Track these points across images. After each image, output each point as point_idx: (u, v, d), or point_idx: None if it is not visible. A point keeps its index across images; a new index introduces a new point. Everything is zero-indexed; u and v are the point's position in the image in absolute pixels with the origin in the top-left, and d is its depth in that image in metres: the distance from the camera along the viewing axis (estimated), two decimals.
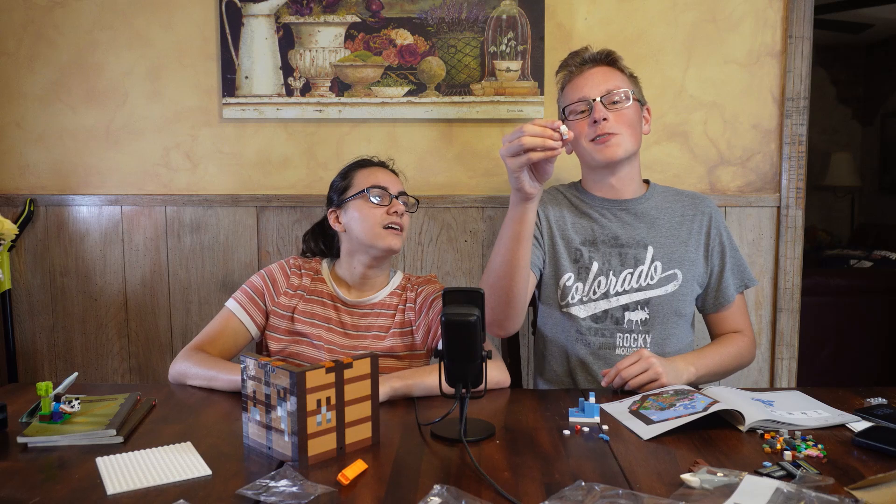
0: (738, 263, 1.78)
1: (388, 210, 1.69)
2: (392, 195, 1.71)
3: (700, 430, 1.27)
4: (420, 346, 1.70)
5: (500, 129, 2.25)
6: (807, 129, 2.20)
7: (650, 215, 1.75)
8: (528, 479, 1.09)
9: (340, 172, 1.81)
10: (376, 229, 1.67)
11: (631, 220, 1.75)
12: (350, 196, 1.72)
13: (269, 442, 1.21)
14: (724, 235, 1.77)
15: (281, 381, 1.18)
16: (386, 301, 1.72)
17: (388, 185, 1.73)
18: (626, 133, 1.68)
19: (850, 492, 1.01)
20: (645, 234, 1.73)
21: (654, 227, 1.74)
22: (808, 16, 2.16)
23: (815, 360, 3.37)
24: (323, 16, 2.22)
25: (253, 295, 1.71)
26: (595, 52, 1.75)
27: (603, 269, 1.72)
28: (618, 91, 1.68)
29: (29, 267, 2.37)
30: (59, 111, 2.32)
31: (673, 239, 1.74)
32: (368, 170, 1.77)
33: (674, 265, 1.72)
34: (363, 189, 1.70)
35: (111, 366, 2.38)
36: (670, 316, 1.71)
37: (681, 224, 1.76)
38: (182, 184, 2.33)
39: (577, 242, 1.74)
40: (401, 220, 1.70)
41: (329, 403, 1.20)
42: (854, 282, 3.58)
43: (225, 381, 1.51)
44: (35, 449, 1.24)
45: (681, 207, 1.78)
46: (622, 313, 1.70)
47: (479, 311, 1.23)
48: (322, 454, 1.19)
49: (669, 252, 1.72)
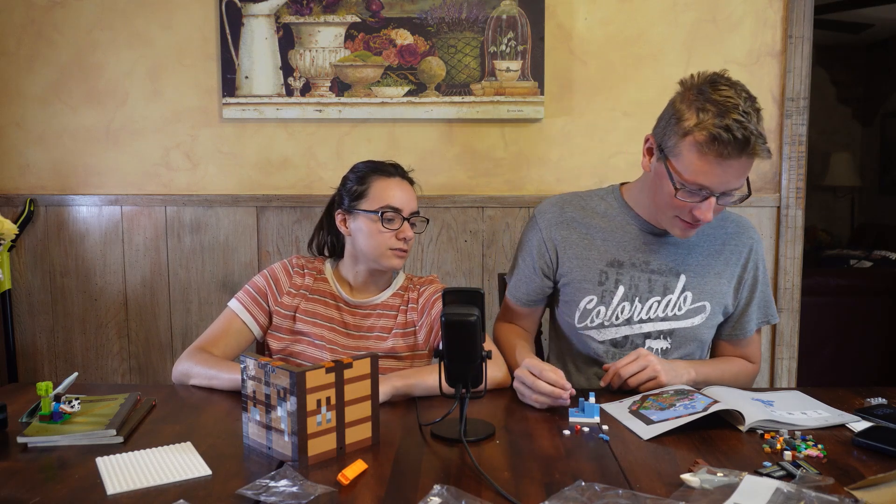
0: (765, 299, 1.66)
1: (397, 235, 1.65)
2: (405, 217, 1.65)
3: (700, 430, 1.27)
4: (422, 346, 1.69)
5: (500, 129, 2.25)
6: (807, 129, 2.20)
7: (689, 241, 1.60)
8: (528, 479, 1.09)
9: (357, 174, 1.71)
10: (382, 249, 1.65)
11: (667, 246, 1.61)
12: (362, 208, 1.67)
13: (269, 442, 1.21)
14: (759, 269, 1.64)
15: (281, 381, 1.18)
16: (388, 302, 1.71)
17: (403, 207, 1.65)
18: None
19: (850, 492, 1.01)
20: (680, 261, 1.60)
21: (692, 254, 1.61)
22: (808, 16, 2.16)
23: (815, 360, 3.37)
24: (323, 16, 2.22)
25: (256, 295, 1.70)
26: (748, 136, 1.36)
27: (629, 294, 1.60)
28: (737, 189, 1.45)
29: (29, 267, 2.37)
30: (59, 111, 2.32)
31: (708, 269, 1.61)
32: (387, 182, 1.68)
33: (704, 297, 1.60)
34: (377, 209, 1.65)
35: (111, 366, 2.38)
36: (691, 343, 1.62)
37: (719, 254, 1.61)
38: (182, 184, 2.32)
39: (603, 264, 1.62)
40: (408, 243, 1.67)
41: (329, 403, 1.20)
42: (854, 282, 3.58)
43: (226, 380, 1.51)
44: (35, 449, 1.23)
45: (723, 234, 1.63)
46: (643, 340, 1.61)
47: (479, 311, 1.23)
48: (322, 454, 1.19)
49: (702, 283, 1.60)
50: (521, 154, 2.27)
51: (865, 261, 4.49)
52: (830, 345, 3.45)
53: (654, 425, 1.27)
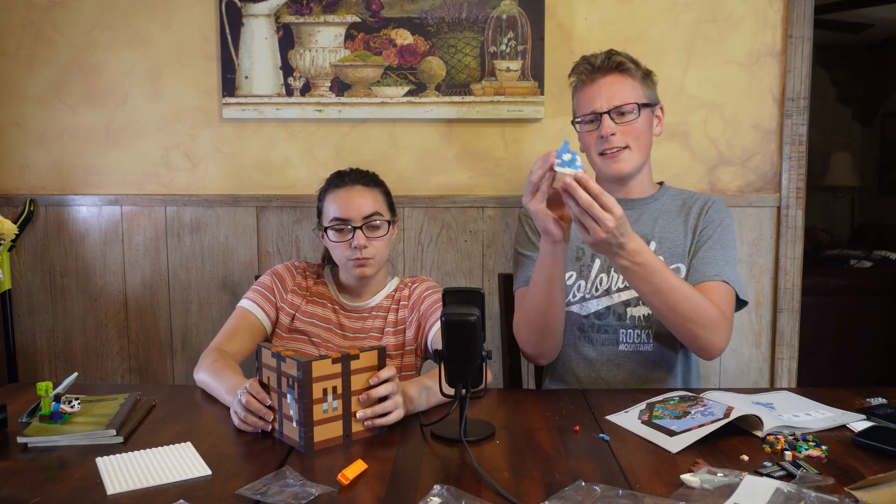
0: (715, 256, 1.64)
1: (349, 244, 1.65)
2: (356, 226, 1.65)
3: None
4: (411, 343, 1.71)
5: (500, 129, 2.25)
6: (807, 129, 2.20)
7: (654, 214, 1.73)
8: (528, 479, 1.09)
9: (319, 192, 1.76)
10: (343, 261, 1.70)
11: (636, 217, 1.72)
12: (323, 225, 1.71)
13: (281, 427, 1.27)
14: (713, 228, 1.67)
15: (290, 369, 1.23)
16: (382, 304, 1.76)
17: (351, 215, 1.65)
18: (635, 146, 1.66)
19: (850, 492, 1.01)
20: (648, 230, 1.71)
21: (658, 223, 1.72)
22: (808, 16, 2.16)
23: (815, 360, 3.36)
24: (323, 16, 2.22)
25: (264, 292, 1.75)
26: (605, 58, 1.68)
27: (605, 265, 1.70)
28: (627, 104, 1.65)
29: (29, 267, 2.37)
30: (59, 111, 2.32)
31: (675, 233, 1.71)
32: (335, 193, 1.70)
33: (676, 259, 1.68)
34: (327, 224, 1.68)
35: (111, 366, 2.38)
36: None
37: (685, 218, 1.72)
38: (182, 184, 2.32)
39: (579, 241, 1.72)
40: (363, 251, 1.65)
41: (336, 392, 1.24)
42: (854, 282, 3.58)
43: (225, 400, 1.48)
44: (35, 449, 1.24)
45: (687, 208, 1.74)
46: (624, 309, 1.68)
47: (479, 311, 1.23)
48: (328, 440, 1.24)
49: (672, 246, 1.69)
50: (521, 154, 2.27)
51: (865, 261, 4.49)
52: (830, 345, 3.45)
53: (678, 437, 1.23)
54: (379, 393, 1.28)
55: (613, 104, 1.64)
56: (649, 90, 1.71)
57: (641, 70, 1.71)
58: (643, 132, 1.67)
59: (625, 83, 1.66)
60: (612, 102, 1.64)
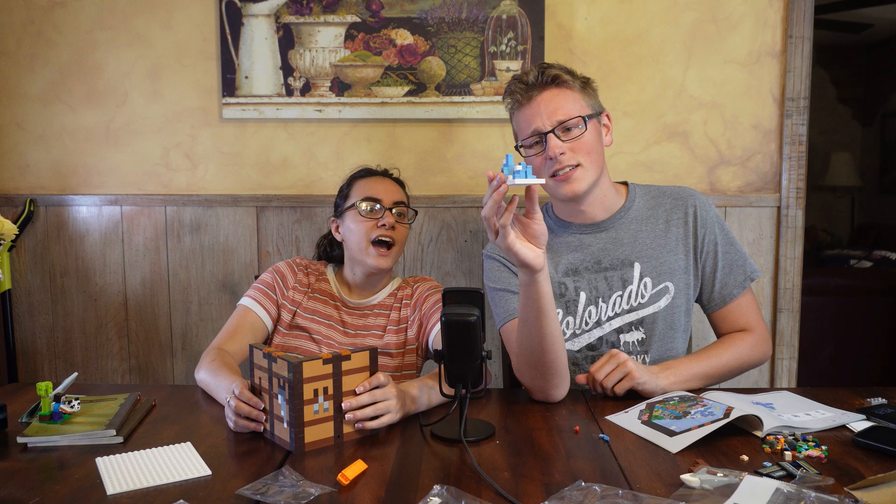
0: (734, 259, 1.63)
1: (377, 223, 1.70)
2: (386, 207, 1.71)
3: None
4: (412, 341, 1.72)
5: (501, 129, 2.25)
6: (807, 129, 2.20)
7: (632, 228, 1.64)
8: (528, 479, 1.09)
9: (345, 182, 1.83)
10: (364, 243, 1.70)
11: (612, 240, 1.63)
12: (346, 207, 1.76)
13: (272, 427, 1.26)
14: (714, 230, 1.64)
15: (281, 370, 1.22)
16: (384, 302, 1.77)
17: (382, 197, 1.72)
18: (587, 162, 1.55)
19: (850, 492, 1.01)
20: (629, 250, 1.62)
21: (638, 239, 1.63)
22: (808, 16, 2.16)
23: (815, 360, 3.37)
24: (323, 16, 2.22)
25: (265, 290, 1.75)
26: (539, 72, 1.57)
27: (591, 297, 1.62)
28: (571, 119, 1.54)
29: (29, 267, 2.37)
30: (59, 111, 2.32)
31: (660, 249, 1.62)
32: (367, 180, 1.78)
33: (664, 278, 1.61)
34: (355, 201, 1.73)
35: (111, 366, 2.38)
36: (666, 331, 1.62)
37: (666, 231, 1.63)
38: (182, 184, 2.33)
39: (560, 275, 1.63)
40: (391, 232, 1.70)
41: (326, 393, 1.23)
42: (854, 282, 3.58)
43: (223, 400, 1.48)
44: (35, 449, 1.24)
45: (664, 212, 1.65)
46: (617, 336, 1.61)
47: (479, 311, 1.23)
48: (319, 441, 1.23)
49: (658, 265, 1.61)
50: None
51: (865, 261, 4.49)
52: (830, 345, 3.45)
53: (678, 437, 1.23)
54: (362, 401, 1.26)
55: (556, 120, 1.54)
56: (591, 99, 1.61)
57: (579, 80, 1.60)
58: (593, 146, 1.57)
59: (565, 96, 1.56)
60: (555, 118, 1.54)
